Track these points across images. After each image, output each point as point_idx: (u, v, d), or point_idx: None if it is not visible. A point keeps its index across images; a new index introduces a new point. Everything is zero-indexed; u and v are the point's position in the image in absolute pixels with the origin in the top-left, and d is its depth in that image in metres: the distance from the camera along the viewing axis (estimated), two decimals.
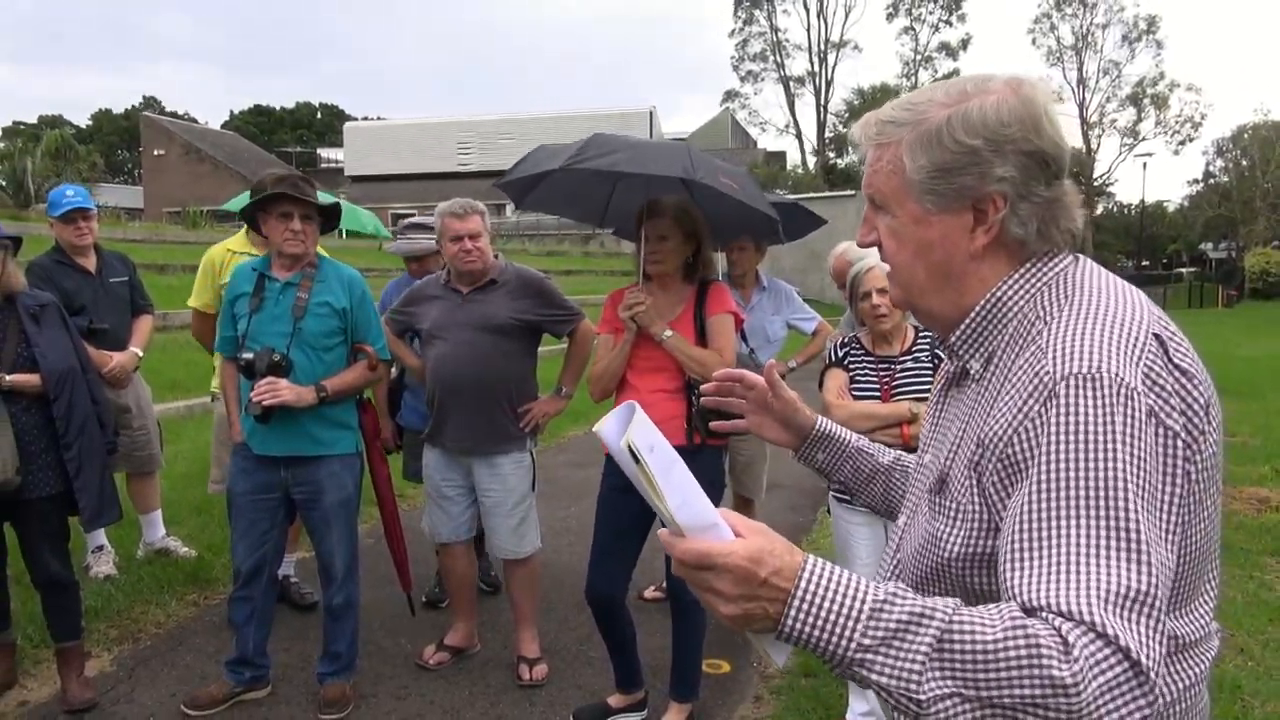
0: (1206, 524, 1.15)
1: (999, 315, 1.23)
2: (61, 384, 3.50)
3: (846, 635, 0.99)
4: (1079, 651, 0.94)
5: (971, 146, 1.17)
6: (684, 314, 3.44)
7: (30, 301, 3.59)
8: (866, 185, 1.27)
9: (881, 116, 1.25)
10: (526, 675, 3.89)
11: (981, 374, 1.24)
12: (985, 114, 1.18)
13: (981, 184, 1.18)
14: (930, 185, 1.20)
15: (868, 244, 1.31)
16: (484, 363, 3.75)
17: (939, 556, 1.21)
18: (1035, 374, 1.10)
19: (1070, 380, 1.06)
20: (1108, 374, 1.05)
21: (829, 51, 49.59)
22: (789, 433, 1.61)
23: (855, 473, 1.63)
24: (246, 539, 3.50)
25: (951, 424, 1.29)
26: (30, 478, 3.41)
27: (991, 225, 1.20)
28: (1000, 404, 1.14)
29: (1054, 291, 1.20)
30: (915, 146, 1.20)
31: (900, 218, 1.24)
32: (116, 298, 4.76)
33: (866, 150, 1.27)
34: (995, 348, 1.23)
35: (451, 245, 3.75)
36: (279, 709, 3.60)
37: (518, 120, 44.01)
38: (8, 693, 3.62)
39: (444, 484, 3.92)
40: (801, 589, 1.01)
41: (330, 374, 3.46)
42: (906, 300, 1.31)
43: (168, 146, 44.41)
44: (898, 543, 1.37)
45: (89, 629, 4.13)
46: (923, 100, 1.22)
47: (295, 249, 3.40)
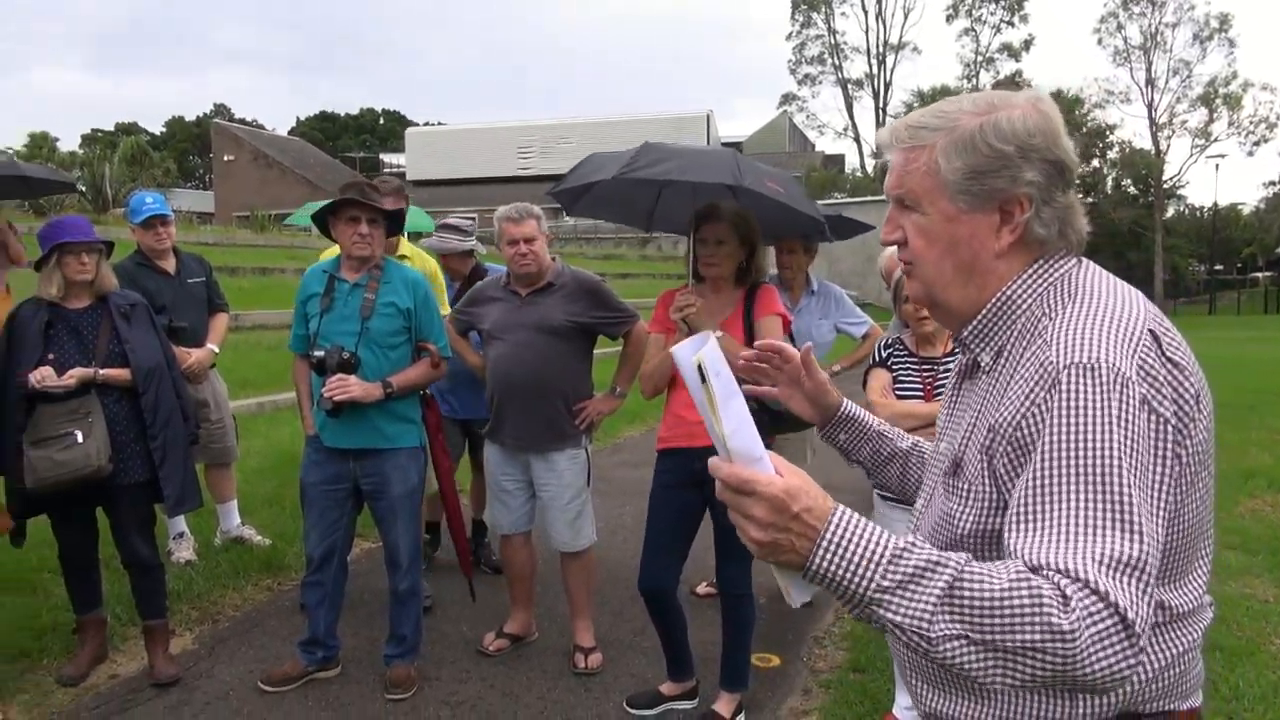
0: (1199, 503, 1.26)
1: (1008, 311, 1.34)
2: (149, 378, 3.74)
3: (867, 576, 1.10)
4: (1076, 604, 1.06)
5: (1003, 152, 1.29)
6: (733, 316, 3.56)
7: (121, 301, 3.84)
8: (895, 186, 1.36)
9: (911, 123, 1.36)
10: (582, 663, 4.04)
11: (992, 366, 1.36)
12: (1014, 124, 1.29)
13: (1012, 186, 1.30)
14: (964, 185, 1.30)
15: (891, 242, 1.41)
16: (541, 362, 3.91)
17: (952, 533, 1.33)
18: (1040, 364, 1.21)
19: (1072, 369, 1.18)
20: (1106, 364, 1.17)
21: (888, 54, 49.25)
22: (816, 410, 1.72)
23: (874, 454, 1.75)
24: (318, 527, 3.72)
25: (965, 413, 1.41)
26: (121, 465, 3.66)
27: (1017, 225, 1.32)
28: (1010, 393, 1.26)
29: (1059, 291, 1.31)
30: (950, 150, 1.30)
31: (932, 216, 1.33)
32: (194, 297, 5.02)
33: (894, 154, 1.37)
34: (1005, 342, 1.34)
35: (508, 248, 3.92)
36: (348, 688, 3.80)
37: (577, 125, 44.40)
38: (99, 666, 3.86)
39: (503, 478, 4.09)
40: (832, 529, 1.12)
41: (395, 371, 3.65)
42: (928, 295, 1.41)
43: (237, 152, 45.67)
44: (916, 522, 1.49)
45: (172, 610, 4.38)
46: (953, 110, 1.34)
47: (362, 251, 3.60)
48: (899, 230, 1.38)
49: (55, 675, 3.74)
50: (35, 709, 3.54)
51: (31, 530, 3.82)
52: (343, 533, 3.77)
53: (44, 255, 3.72)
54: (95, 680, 3.79)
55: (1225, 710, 3.58)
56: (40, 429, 3.54)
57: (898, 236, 1.39)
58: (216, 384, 5.19)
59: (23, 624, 4.10)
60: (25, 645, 3.91)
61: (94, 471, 3.53)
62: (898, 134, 1.37)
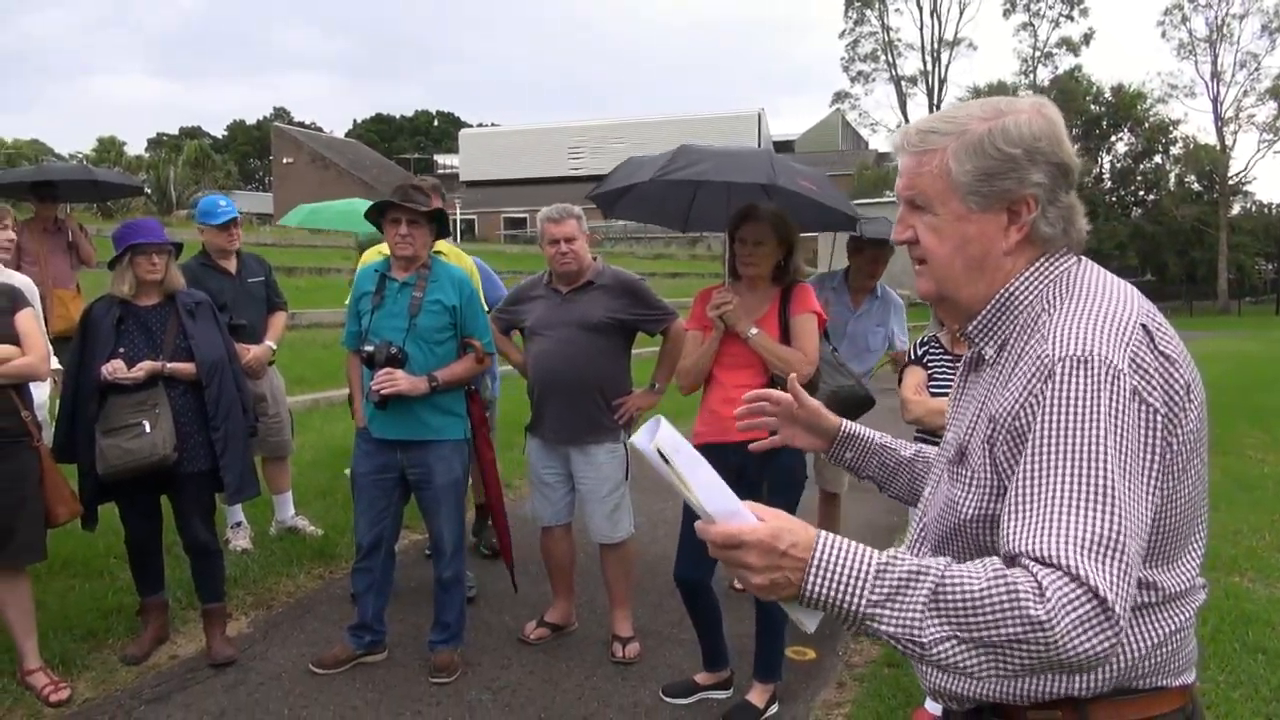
0: (1191, 489, 1.33)
1: (1011, 307, 1.42)
2: (212, 372, 3.93)
3: (856, 593, 1.19)
4: (1051, 592, 1.13)
5: (1012, 155, 1.37)
6: (769, 313, 3.63)
7: (187, 299, 4.04)
8: (907, 187, 1.44)
9: (921, 128, 1.44)
10: (620, 653, 4.14)
11: (995, 359, 1.43)
12: (1020, 129, 1.37)
13: (1019, 188, 1.38)
14: (975, 187, 1.38)
15: (903, 241, 1.49)
16: (581, 359, 4.02)
17: (956, 518, 1.41)
18: (1038, 357, 1.29)
19: (1065, 362, 1.25)
20: (1097, 357, 1.24)
21: (942, 50, 48.62)
22: (818, 437, 1.80)
23: (882, 467, 1.82)
24: (367, 515, 3.88)
25: (970, 404, 1.49)
26: (185, 455, 3.84)
27: (1024, 224, 1.39)
28: (1010, 384, 1.33)
29: (1058, 287, 1.39)
30: (961, 153, 1.38)
31: (943, 215, 1.41)
32: (254, 296, 5.23)
33: (904, 158, 1.45)
34: (1007, 336, 1.42)
35: (549, 248, 4.05)
36: (394, 671, 3.95)
37: (627, 125, 44.52)
38: (161, 647, 4.07)
39: (544, 471, 4.21)
40: (817, 558, 1.22)
41: (441, 366, 3.79)
42: (938, 292, 1.48)
43: (296, 154, 46.62)
44: (924, 508, 1.57)
45: (229, 595, 4.58)
46: (962, 115, 1.42)
47: (405, 251, 3.75)
48: (910, 230, 1.46)
49: (120, 654, 3.95)
50: (100, 685, 3.75)
51: (102, 516, 4.02)
52: (390, 521, 3.92)
53: (117, 255, 3.93)
54: (157, 660, 3.99)
55: (1265, 711, 3.56)
56: (111, 419, 3.74)
57: (909, 236, 1.47)
58: (274, 379, 5.39)
59: (91, 605, 4.32)
60: (93, 625, 4.13)
61: (160, 460, 3.72)
62: (909, 139, 1.44)
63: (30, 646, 3.64)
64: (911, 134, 1.45)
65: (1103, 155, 47.22)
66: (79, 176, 8.57)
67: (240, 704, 3.64)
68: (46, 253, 7.07)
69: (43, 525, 3.61)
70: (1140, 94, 44.97)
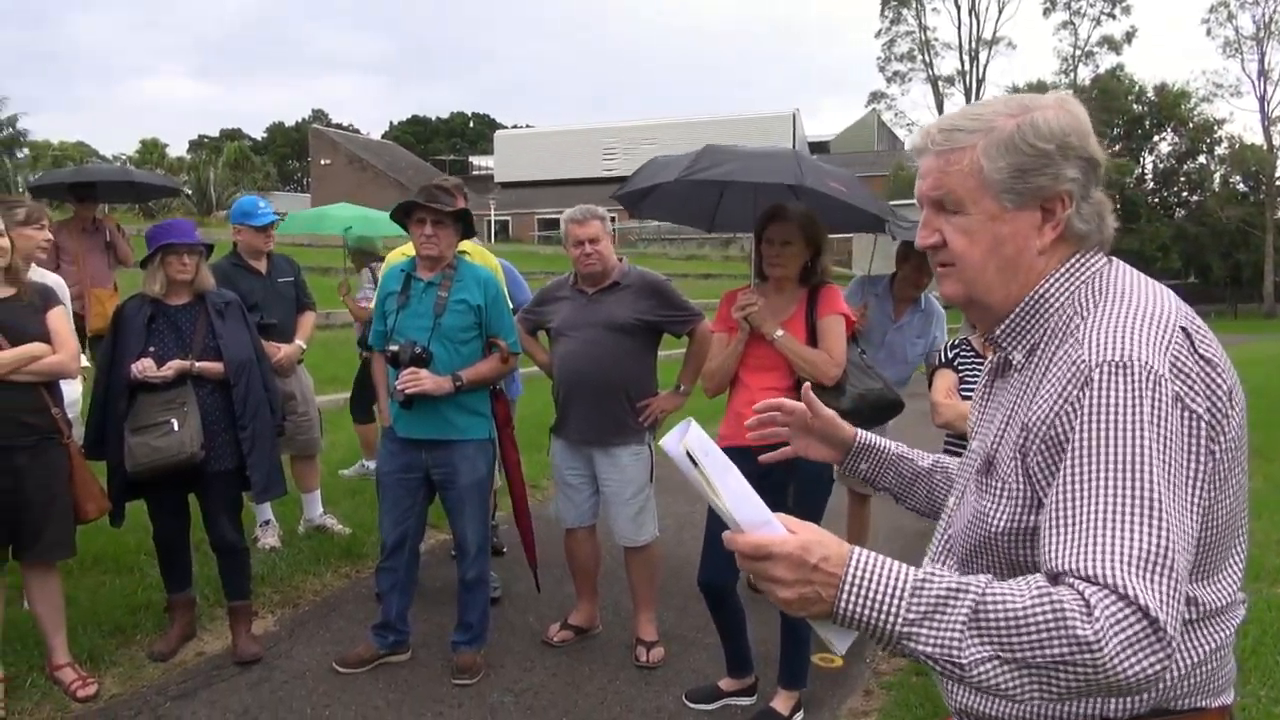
0: (1232, 499, 1.27)
1: (1041, 309, 1.36)
2: (240, 371, 3.96)
3: (892, 611, 1.14)
4: (1099, 611, 1.08)
5: (1045, 150, 1.31)
6: (796, 315, 3.58)
7: (217, 299, 4.07)
8: (933, 188, 1.37)
9: (944, 126, 1.38)
10: (644, 657, 4.11)
11: (1024, 364, 1.38)
12: (1050, 124, 1.32)
13: (1054, 184, 1.33)
14: (1009, 184, 1.32)
15: (929, 245, 1.42)
16: (606, 360, 4.00)
17: (986, 531, 1.35)
18: (1073, 362, 1.23)
19: (1104, 367, 1.19)
20: (1138, 362, 1.19)
21: (980, 49, 47.99)
22: (832, 448, 1.73)
23: (899, 478, 1.76)
24: (391, 515, 3.88)
25: (997, 411, 1.43)
26: (212, 453, 3.87)
27: (1059, 221, 1.34)
28: (1043, 391, 1.28)
29: (1090, 289, 1.33)
30: (993, 150, 1.32)
31: (975, 216, 1.35)
32: (284, 296, 5.26)
33: (927, 159, 1.39)
34: (1037, 340, 1.36)
35: (574, 249, 4.02)
36: (418, 671, 3.95)
37: (661, 125, 44.48)
38: (188, 644, 4.10)
39: (568, 473, 4.19)
40: (851, 573, 1.17)
41: (466, 365, 3.78)
42: (967, 295, 1.41)
43: (333, 156, 47.12)
44: (948, 519, 1.51)
45: (256, 593, 4.61)
46: (986, 112, 1.37)
47: (429, 251, 3.75)
48: (936, 233, 1.40)
49: (147, 651, 3.99)
50: (127, 681, 3.78)
51: (132, 513, 4.06)
52: (414, 520, 3.92)
53: (149, 255, 3.97)
54: (184, 657, 4.02)
55: None
56: (140, 417, 3.78)
57: (935, 240, 1.40)
58: (304, 378, 5.41)
59: (121, 601, 4.36)
60: (122, 621, 4.16)
61: (187, 458, 3.75)
62: (932, 138, 1.39)
63: (59, 642, 3.68)
64: (934, 133, 1.39)
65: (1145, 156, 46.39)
66: (117, 177, 8.71)
67: (264, 702, 3.65)
68: (84, 252, 7.19)
69: (72, 522, 3.64)
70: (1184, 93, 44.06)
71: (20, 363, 3.42)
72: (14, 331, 3.46)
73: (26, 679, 3.63)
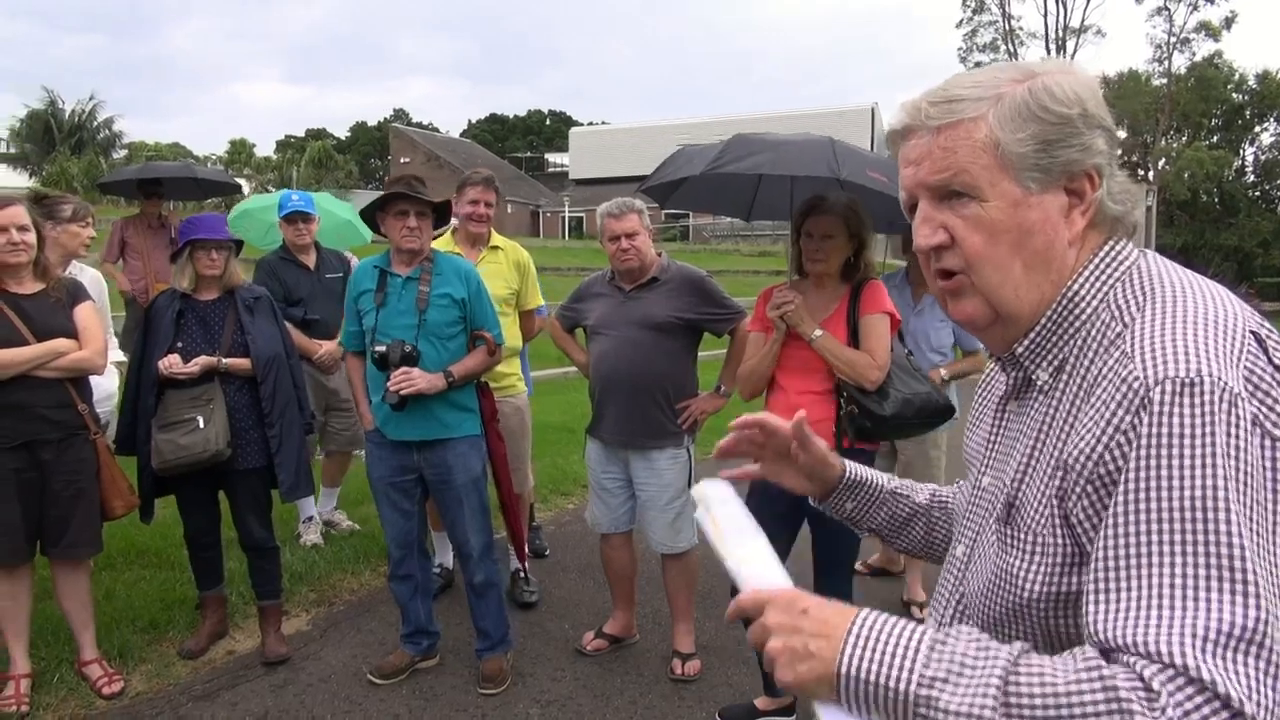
0: None
1: (1073, 315, 1.11)
2: (268, 368, 3.89)
3: (908, 667, 0.94)
4: (1166, 700, 0.85)
5: (1068, 116, 1.08)
6: (836, 313, 3.36)
7: (247, 295, 4.01)
8: (936, 172, 1.11)
9: (937, 98, 1.12)
10: (679, 670, 3.93)
11: (1050, 385, 1.12)
12: (1064, 88, 1.09)
13: (1084, 157, 1.09)
14: (1035, 160, 1.07)
15: (934, 246, 1.13)
16: (642, 359, 3.82)
17: (1016, 596, 1.10)
18: (1123, 380, 0.98)
19: (1166, 386, 0.94)
20: (1209, 378, 0.94)
21: (1068, 38, 46.31)
22: (812, 482, 1.48)
23: (890, 518, 1.50)
24: (392, 520, 3.75)
25: (1015, 443, 1.17)
26: (240, 451, 3.82)
27: (1089, 204, 1.10)
28: (1083, 419, 1.02)
29: (1129, 287, 1.09)
30: (1010, 119, 1.07)
31: (993, 202, 1.09)
32: (330, 292, 5.19)
33: (917, 139, 1.13)
34: (1067, 353, 1.11)
35: (610, 244, 3.85)
36: (443, 679, 3.83)
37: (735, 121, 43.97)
38: (219, 642, 4.06)
39: (604, 476, 4.03)
40: (857, 627, 0.99)
41: (454, 361, 3.65)
42: (991, 311, 1.13)
43: (412, 154, 47.88)
44: (959, 575, 1.26)
45: (294, 591, 4.58)
46: (987, 79, 1.12)
47: (411, 244, 3.60)
48: (941, 230, 1.12)
49: (178, 648, 3.95)
50: (155, 679, 3.75)
51: (172, 508, 4.04)
52: (416, 521, 3.80)
53: (178, 249, 3.94)
54: (214, 655, 3.98)
55: None
56: (167, 414, 3.74)
57: (941, 238, 1.12)
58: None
59: (157, 597, 4.36)
60: (155, 617, 4.15)
61: (213, 456, 3.70)
62: (924, 112, 1.11)
63: (88, 638, 3.67)
64: (925, 106, 1.12)
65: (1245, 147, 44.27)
66: (181, 174, 8.88)
67: (285, 706, 3.58)
68: (150, 248, 7.34)
69: (99, 519, 3.62)
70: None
71: (45, 358, 3.41)
72: (41, 327, 3.45)
73: (54, 674, 3.63)
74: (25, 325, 3.42)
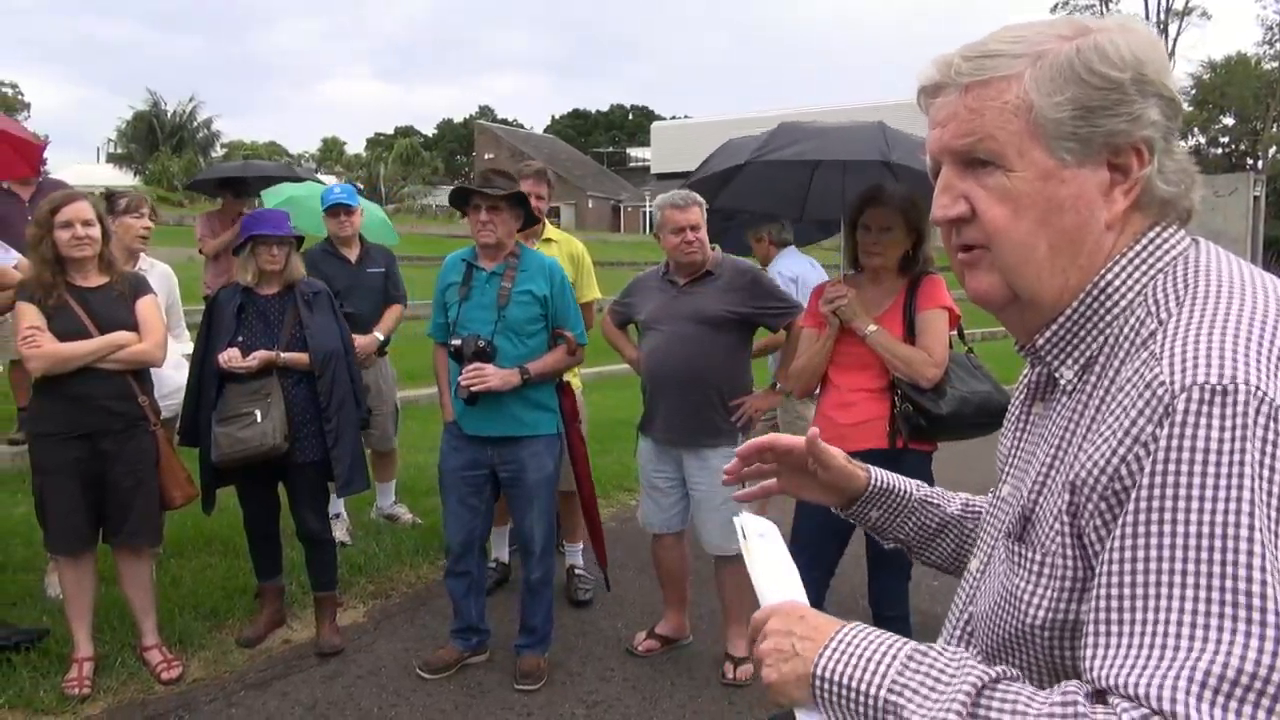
0: None
1: (1103, 308, 1.00)
2: (326, 363, 3.92)
3: (881, 673, 0.92)
4: None
5: (1118, 81, 0.96)
6: (893, 308, 3.23)
7: (306, 289, 4.05)
8: (961, 134, 1.01)
9: (972, 52, 1.01)
10: (731, 674, 3.84)
11: (1076, 385, 1.02)
12: (1119, 48, 0.97)
13: (1132, 128, 0.97)
14: (1073, 128, 0.96)
15: (953, 218, 1.04)
16: (695, 355, 3.74)
17: (1020, 621, 1.00)
18: (1147, 385, 0.87)
19: (1193, 392, 0.84)
20: (1243, 385, 0.83)
21: (1170, 21, 44.24)
22: (834, 494, 1.40)
23: (919, 529, 1.39)
24: (457, 514, 3.74)
25: (1036, 448, 1.07)
26: (297, 445, 3.86)
27: (1134, 183, 0.98)
28: (1102, 427, 0.92)
29: (1172, 279, 0.97)
30: (1048, 79, 0.96)
31: (1020, 173, 0.98)
32: (370, 287, 5.20)
33: (946, 97, 1.03)
34: (1095, 351, 1.00)
35: (672, 237, 3.76)
36: (491, 675, 3.81)
37: (817, 113, 43.36)
38: (276, 631, 4.12)
39: (655, 475, 3.95)
40: (843, 633, 0.99)
41: (532, 358, 3.61)
42: (1007, 291, 1.03)
43: (496, 150, 48.47)
44: (970, 593, 1.16)
45: (352, 583, 4.63)
46: (1032, 33, 1.00)
47: (485, 238, 3.58)
48: (961, 200, 1.02)
49: (236, 636, 4.03)
50: (212, 666, 3.82)
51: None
52: (482, 519, 3.78)
53: (240, 244, 4.00)
54: (271, 644, 4.04)
55: None
56: (226, 407, 3.80)
57: (961, 209, 1.03)
58: (384, 370, 5.34)
59: (221, 584, 4.45)
60: (217, 605, 4.24)
61: (270, 449, 3.75)
62: (955, 67, 1.01)
63: (149, 624, 3.76)
64: (957, 61, 1.01)
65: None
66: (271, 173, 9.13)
67: (334, 697, 3.61)
68: (230, 244, 7.51)
69: (158, 509, 3.70)
70: None
71: (105, 350, 3.49)
72: (104, 319, 3.54)
73: (117, 657, 3.73)
74: (90, 318, 3.51)
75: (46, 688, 3.49)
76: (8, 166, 4.51)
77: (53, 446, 3.52)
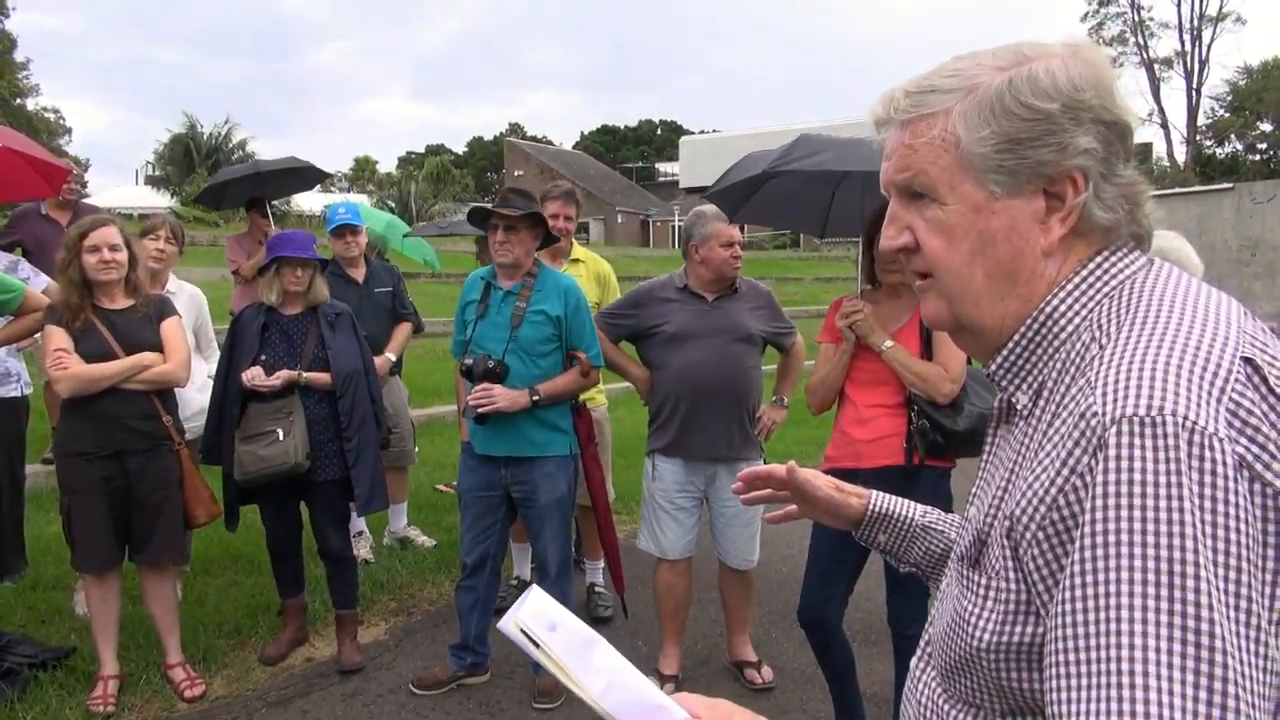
0: None
1: (1050, 335, 0.99)
2: (347, 383, 3.96)
3: None
4: None
5: (1047, 111, 0.96)
6: (909, 324, 3.20)
7: (329, 310, 4.10)
8: (899, 170, 1.04)
9: (913, 88, 1.03)
10: (758, 678, 3.89)
11: (1030, 410, 1.01)
12: (1055, 76, 0.96)
13: (1061, 158, 0.96)
14: (998, 161, 0.97)
15: (898, 248, 1.07)
16: (737, 370, 3.74)
17: (968, 644, 0.98)
18: (1082, 416, 0.85)
19: (1123, 425, 0.81)
20: (1172, 416, 0.80)
21: (1204, 27, 43.67)
22: (838, 520, 1.43)
23: (926, 554, 1.40)
24: (472, 532, 3.75)
25: (995, 472, 1.06)
26: (318, 463, 3.90)
27: (1070, 210, 0.98)
28: (1042, 454, 0.91)
29: (1117, 303, 0.95)
30: (973, 114, 0.98)
31: (953, 206, 1.00)
32: (378, 306, 5.20)
33: (890, 131, 1.06)
34: (1045, 376, 1.00)
35: (722, 250, 3.71)
36: (509, 694, 3.81)
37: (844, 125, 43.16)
38: (298, 649, 4.15)
39: (679, 495, 3.84)
40: None
41: (545, 379, 3.61)
42: (953, 316, 1.06)
43: (525, 167, 48.79)
44: (931, 619, 1.16)
45: (374, 600, 4.65)
46: (968, 66, 1.01)
47: (502, 258, 3.59)
48: (906, 232, 1.05)
49: (258, 654, 4.06)
50: (235, 683, 3.85)
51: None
52: (496, 539, 3.78)
53: (265, 264, 4.06)
54: (292, 661, 4.06)
55: None
56: (249, 425, 3.85)
57: (905, 240, 1.05)
58: (397, 390, 5.33)
59: (245, 601, 4.49)
60: (240, 622, 4.28)
61: (292, 467, 3.79)
62: (895, 103, 1.04)
63: (173, 642, 3.80)
64: (898, 97, 1.04)
65: None
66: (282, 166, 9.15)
67: (353, 715, 3.63)
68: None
69: (182, 527, 3.76)
70: None
71: (130, 371, 3.55)
72: (129, 341, 3.60)
73: (141, 675, 3.77)
74: (116, 340, 3.58)
75: (72, 705, 3.53)
76: (32, 186, 4.65)
77: (80, 465, 3.57)
